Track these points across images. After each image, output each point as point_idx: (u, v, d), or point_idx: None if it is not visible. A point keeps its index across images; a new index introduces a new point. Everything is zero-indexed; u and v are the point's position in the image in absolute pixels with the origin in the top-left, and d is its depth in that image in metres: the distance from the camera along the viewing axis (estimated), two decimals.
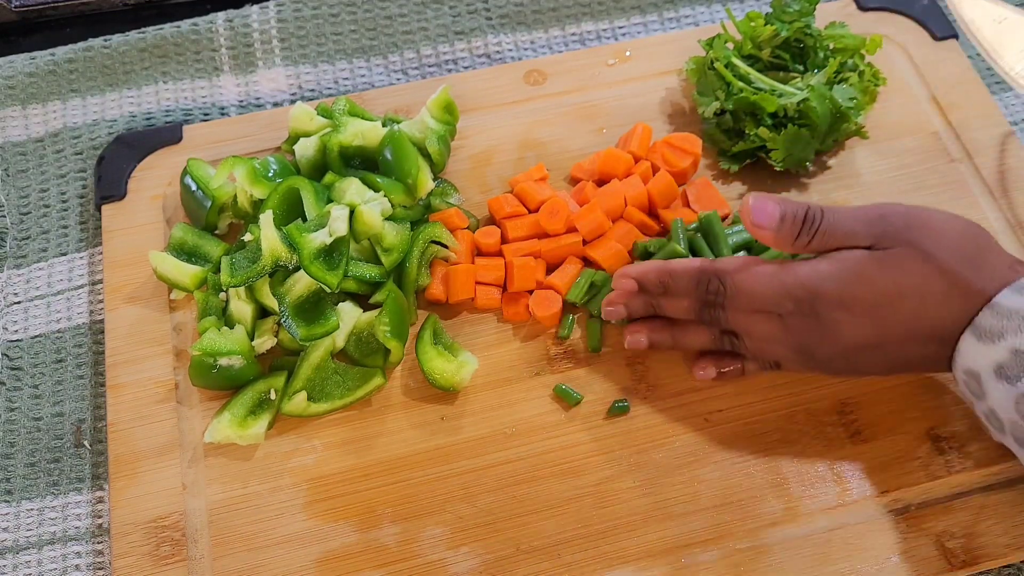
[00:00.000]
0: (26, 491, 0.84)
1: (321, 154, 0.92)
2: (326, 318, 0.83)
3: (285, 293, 0.83)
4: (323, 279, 0.81)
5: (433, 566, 0.77)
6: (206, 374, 0.82)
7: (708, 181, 0.94)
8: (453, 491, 0.81)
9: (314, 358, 0.83)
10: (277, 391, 0.83)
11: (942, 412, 0.83)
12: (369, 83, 1.08)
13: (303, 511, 0.80)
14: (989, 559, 0.76)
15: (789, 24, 0.95)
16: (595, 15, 1.12)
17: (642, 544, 0.78)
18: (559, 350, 0.87)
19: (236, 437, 0.81)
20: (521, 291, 0.88)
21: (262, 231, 0.82)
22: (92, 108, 1.05)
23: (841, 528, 0.78)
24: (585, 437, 0.83)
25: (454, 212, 0.91)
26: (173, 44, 1.08)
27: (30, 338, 0.92)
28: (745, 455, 0.82)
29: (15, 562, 0.81)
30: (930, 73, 1.03)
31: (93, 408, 0.88)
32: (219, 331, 0.82)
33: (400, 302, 0.85)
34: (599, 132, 1.00)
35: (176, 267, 0.87)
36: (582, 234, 0.89)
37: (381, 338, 0.82)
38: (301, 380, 0.83)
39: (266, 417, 0.82)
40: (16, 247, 0.97)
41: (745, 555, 0.77)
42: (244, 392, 0.83)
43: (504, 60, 1.09)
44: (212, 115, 1.05)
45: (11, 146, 1.03)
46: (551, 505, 0.80)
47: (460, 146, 0.99)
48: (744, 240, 0.88)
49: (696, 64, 1.00)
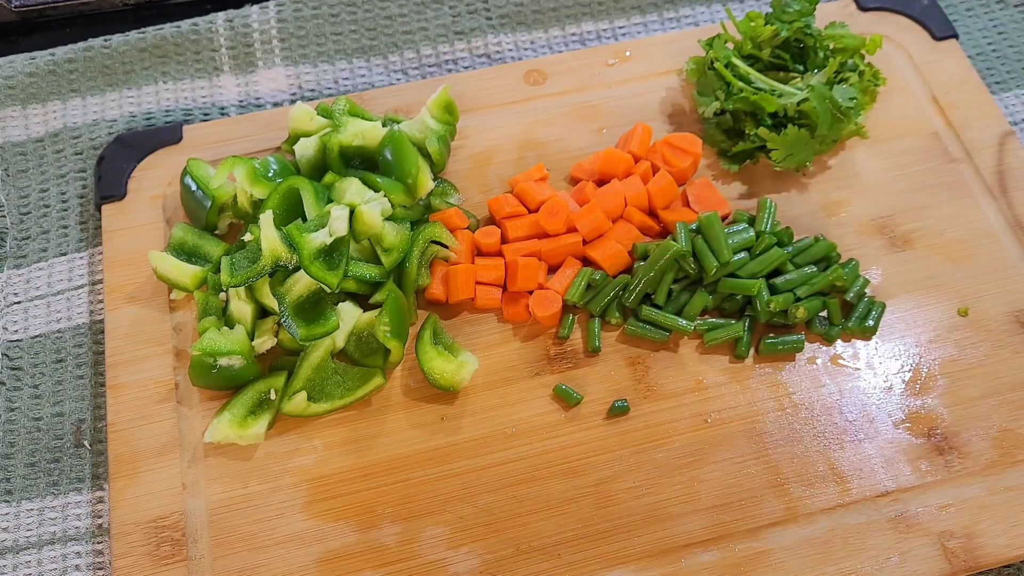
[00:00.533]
0: (26, 491, 0.84)
1: (321, 154, 0.92)
2: (326, 318, 0.83)
3: (285, 293, 0.83)
4: (323, 279, 0.81)
5: (433, 566, 0.77)
6: (206, 374, 0.82)
7: (708, 181, 0.94)
8: (453, 491, 0.81)
9: (314, 358, 0.83)
10: (277, 391, 0.83)
11: (941, 411, 0.83)
12: (369, 83, 1.08)
13: (303, 511, 0.80)
14: (989, 559, 0.77)
15: (789, 24, 0.95)
16: (595, 15, 1.12)
17: (642, 544, 0.78)
18: (559, 350, 0.87)
19: (236, 437, 0.81)
20: (521, 291, 0.88)
21: (262, 231, 0.82)
22: (92, 108, 1.05)
23: (841, 528, 0.78)
24: (585, 437, 0.83)
25: (454, 212, 0.91)
26: (173, 44, 1.08)
27: (30, 338, 0.92)
28: (745, 455, 0.82)
29: (15, 562, 0.81)
30: (930, 73, 1.03)
31: (93, 408, 0.88)
32: (219, 331, 0.82)
33: (400, 302, 0.85)
34: (599, 132, 1.00)
35: (176, 267, 0.87)
36: (582, 234, 0.89)
37: (381, 338, 0.82)
38: (301, 380, 0.83)
39: (266, 417, 0.82)
40: (16, 247, 0.97)
41: (745, 555, 0.77)
42: (244, 392, 0.83)
43: (504, 60, 1.09)
44: (212, 115, 1.05)
45: (11, 146, 1.02)
46: (551, 505, 0.80)
47: (460, 146, 0.99)
48: (744, 241, 0.88)
49: (696, 64, 1.00)
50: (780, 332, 0.87)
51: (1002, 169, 0.96)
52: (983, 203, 0.95)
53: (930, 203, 0.95)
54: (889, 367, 0.86)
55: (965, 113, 1.00)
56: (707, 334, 0.86)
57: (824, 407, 0.84)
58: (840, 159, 0.98)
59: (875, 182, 0.96)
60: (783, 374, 0.86)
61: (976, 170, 0.96)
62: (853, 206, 0.95)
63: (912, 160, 0.97)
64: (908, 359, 0.86)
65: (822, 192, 0.96)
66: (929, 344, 0.87)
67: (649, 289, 0.87)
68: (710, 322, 0.87)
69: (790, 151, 0.93)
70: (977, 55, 1.08)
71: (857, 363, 0.86)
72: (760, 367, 0.86)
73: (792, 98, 0.92)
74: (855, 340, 0.88)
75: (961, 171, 0.97)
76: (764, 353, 0.86)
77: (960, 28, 1.10)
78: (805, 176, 0.97)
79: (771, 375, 0.86)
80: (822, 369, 0.86)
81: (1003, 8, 1.12)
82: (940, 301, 0.89)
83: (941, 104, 1.01)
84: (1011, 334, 0.87)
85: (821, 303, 0.87)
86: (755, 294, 0.85)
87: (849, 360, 0.87)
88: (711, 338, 0.86)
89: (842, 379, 0.85)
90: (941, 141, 0.99)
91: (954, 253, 0.92)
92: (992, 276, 0.90)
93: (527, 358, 0.87)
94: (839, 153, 0.98)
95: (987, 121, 0.99)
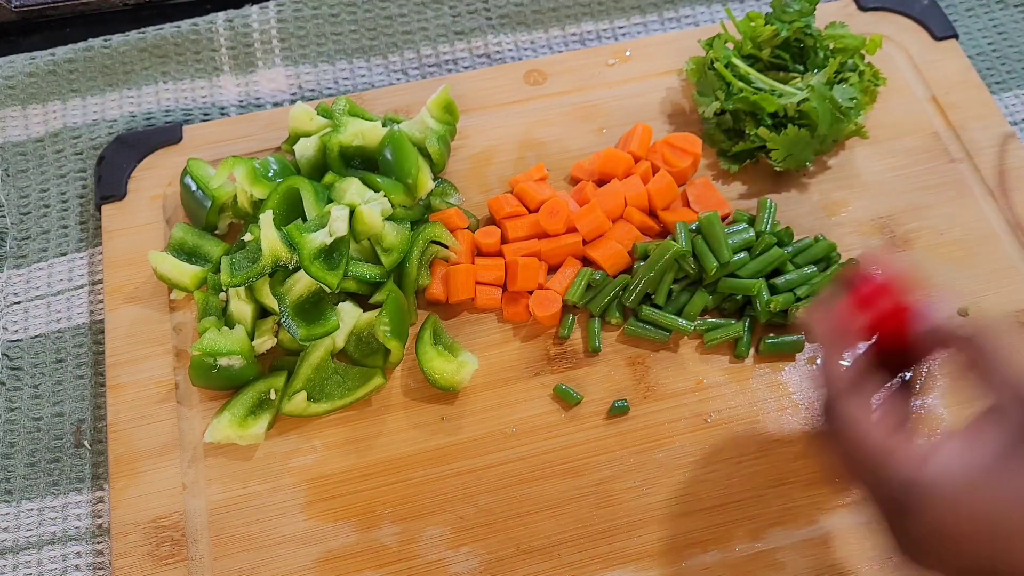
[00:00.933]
0: (26, 491, 0.84)
1: (321, 154, 0.92)
2: (326, 318, 0.83)
3: (285, 293, 0.83)
4: (323, 279, 0.81)
5: (433, 566, 0.77)
6: (206, 374, 0.82)
7: (708, 181, 0.94)
8: (453, 491, 0.81)
9: (314, 358, 0.83)
10: (277, 391, 0.83)
11: (941, 411, 0.83)
12: (369, 83, 1.08)
13: (303, 511, 0.80)
14: None
15: (789, 24, 0.95)
16: (595, 15, 1.12)
17: (642, 544, 0.78)
18: (559, 350, 0.87)
19: (236, 437, 0.81)
20: (521, 291, 0.88)
21: (262, 231, 0.82)
22: (92, 108, 1.05)
23: (841, 528, 0.78)
24: (585, 437, 0.83)
25: (454, 212, 0.91)
26: (173, 44, 1.08)
27: (30, 338, 0.92)
28: (745, 455, 0.82)
29: (15, 562, 0.81)
30: (930, 73, 1.03)
31: (93, 408, 0.88)
32: (219, 331, 0.82)
33: (400, 302, 0.85)
34: (599, 132, 1.00)
35: (176, 267, 0.87)
36: (582, 234, 0.89)
37: (381, 338, 0.82)
38: (301, 380, 0.83)
39: (266, 417, 0.82)
40: (16, 247, 0.97)
41: (745, 555, 0.77)
42: (244, 392, 0.83)
43: (504, 60, 1.09)
44: (212, 115, 1.05)
45: (11, 146, 1.02)
46: (551, 505, 0.80)
47: (460, 146, 0.99)
48: (744, 241, 0.88)
49: (696, 64, 1.00)
50: (780, 332, 0.87)
51: (1002, 169, 0.96)
52: (983, 203, 0.95)
53: (930, 203, 0.95)
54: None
55: (965, 113, 1.00)
56: (707, 334, 0.86)
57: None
58: (840, 159, 0.98)
59: (875, 182, 0.96)
60: (783, 374, 0.86)
61: (976, 170, 0.96)
62: (853, 206, 0.95)
63: (912, 160, 0.97)
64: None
65: (822, 192, 0.96)
66: None
67: (649, 289, 0.87)
68: (710, 322, 0.87)
69: (790, 151, 0.93)
70: (977, 55, 1.08)
71: None
72: (760, 367, 0.86)
73: (792, 98, 0.92)
74: None
75: (961, 171, 0.97)
76: (764, 353, 0.86)
77: (960, 28, 1.10)
78: (805, 176, 0.97)
79: (771, 375, 0.86)
80: None
81: (1003, 8, 1.12)
82: (940, 301, 0.89)
83: (941, 104, 1.01)
84: (1011, 334, 0.87)
85: None
86: (755, 294, 0.85)
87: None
88: (711, 338, 0.86)
89: None
90: (941, 141, 0.99)
91: (954, 253, 0.92)
92: (992, 276, 0.90)
93: (527, 358, 0.87)
94: (839, 153, 0.98)
95: (987, 121, 0.99)
